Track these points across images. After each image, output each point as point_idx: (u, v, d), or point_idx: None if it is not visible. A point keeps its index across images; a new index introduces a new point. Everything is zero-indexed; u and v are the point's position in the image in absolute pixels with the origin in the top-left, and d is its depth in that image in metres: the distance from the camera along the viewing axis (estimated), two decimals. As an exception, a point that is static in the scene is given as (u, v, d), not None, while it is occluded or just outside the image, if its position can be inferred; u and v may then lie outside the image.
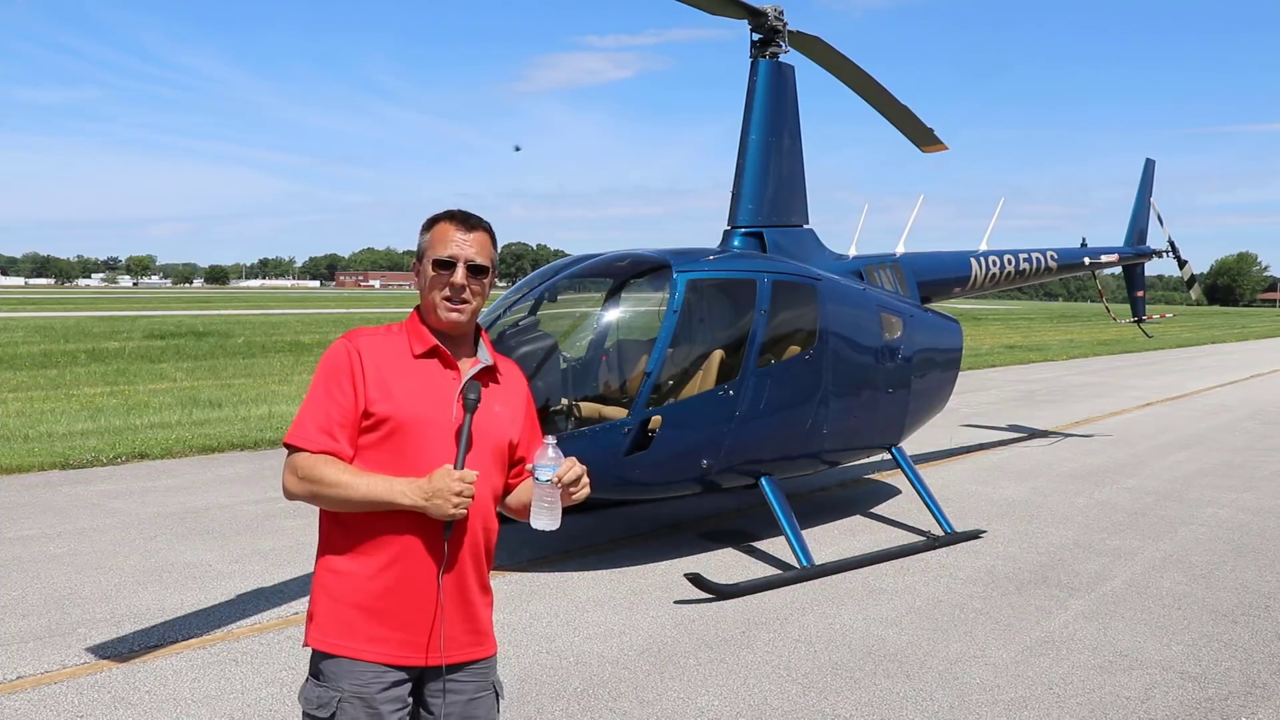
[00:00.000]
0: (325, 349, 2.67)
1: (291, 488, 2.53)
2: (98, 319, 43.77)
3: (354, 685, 2.50)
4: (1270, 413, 17.51)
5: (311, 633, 2.57)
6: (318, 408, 2.54)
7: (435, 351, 2.61)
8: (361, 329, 2.66)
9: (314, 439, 2.50)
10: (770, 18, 8.08)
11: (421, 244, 2.66)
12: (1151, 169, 14.96)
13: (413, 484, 2.46)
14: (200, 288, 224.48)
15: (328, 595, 2.56)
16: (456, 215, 2.66)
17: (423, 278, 2.64)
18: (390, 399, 2.52)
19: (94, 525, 8.09)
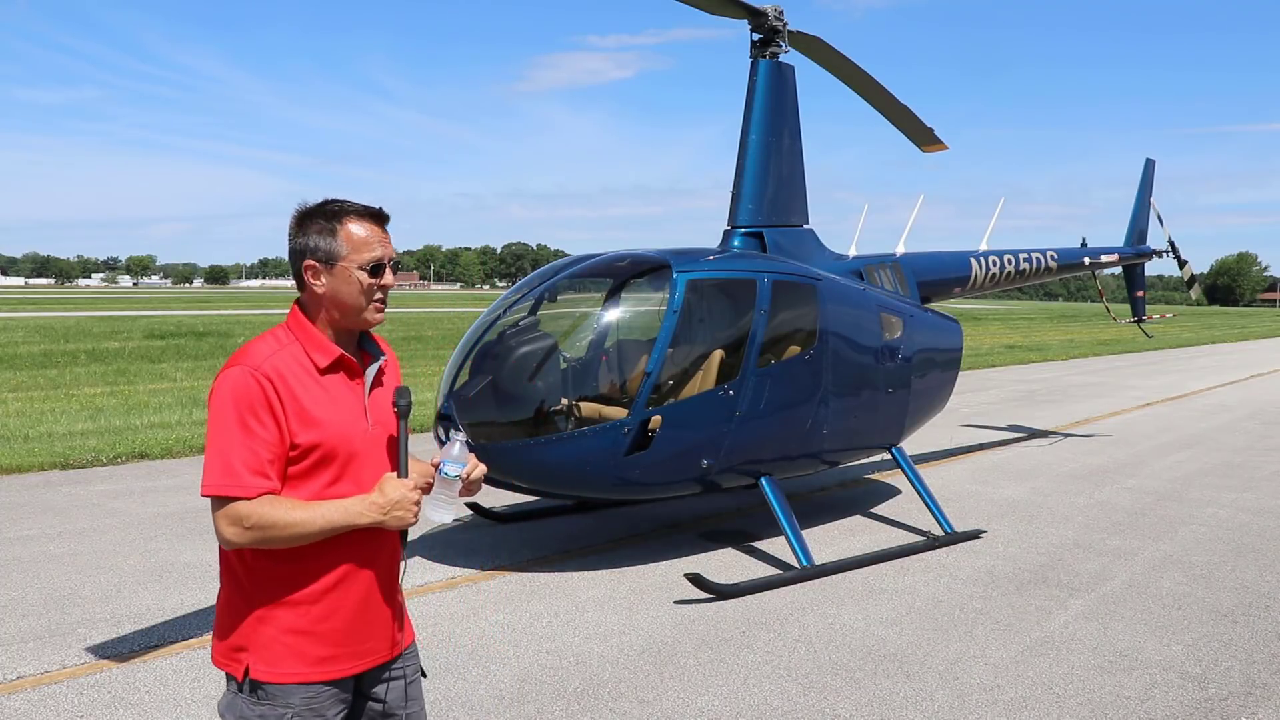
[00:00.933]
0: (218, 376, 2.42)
1: (235, 538, 2.34)
2: (98, 319, 43.78)
3: (304, 698, 2.46)
4: (1270, 413, 17.51)
5: (252, 665, 2.43)
6: (241, 448, 2.32)
7: (340, 363, 2.49)
8: (251, 349, 2.43)
9: (250, 484, 2.31)
10: (770, 18, 8.08)
11: (330, 245, 2.44)
12: (1151, 169, 14.96)
13: (366, 502, 2.40)
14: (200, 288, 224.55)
15: (267, 625, 2.43)
16: (368, 212, 2.50)
17: (340, 281, 2.44)
18: (313, 426, 2.39)
19: (94, 525, 8.09)
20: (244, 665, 2.45)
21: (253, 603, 2.44)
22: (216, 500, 2.34)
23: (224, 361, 2.76)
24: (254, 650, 2.44)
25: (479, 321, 7.59)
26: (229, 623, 2.49)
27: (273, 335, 2.48)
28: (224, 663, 2.50)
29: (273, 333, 2.49)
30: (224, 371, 2.39)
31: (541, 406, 7.15)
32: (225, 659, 2.50)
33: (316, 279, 2.46)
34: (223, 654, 2.50)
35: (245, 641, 2.45)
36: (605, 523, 8.52)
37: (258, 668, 2.43)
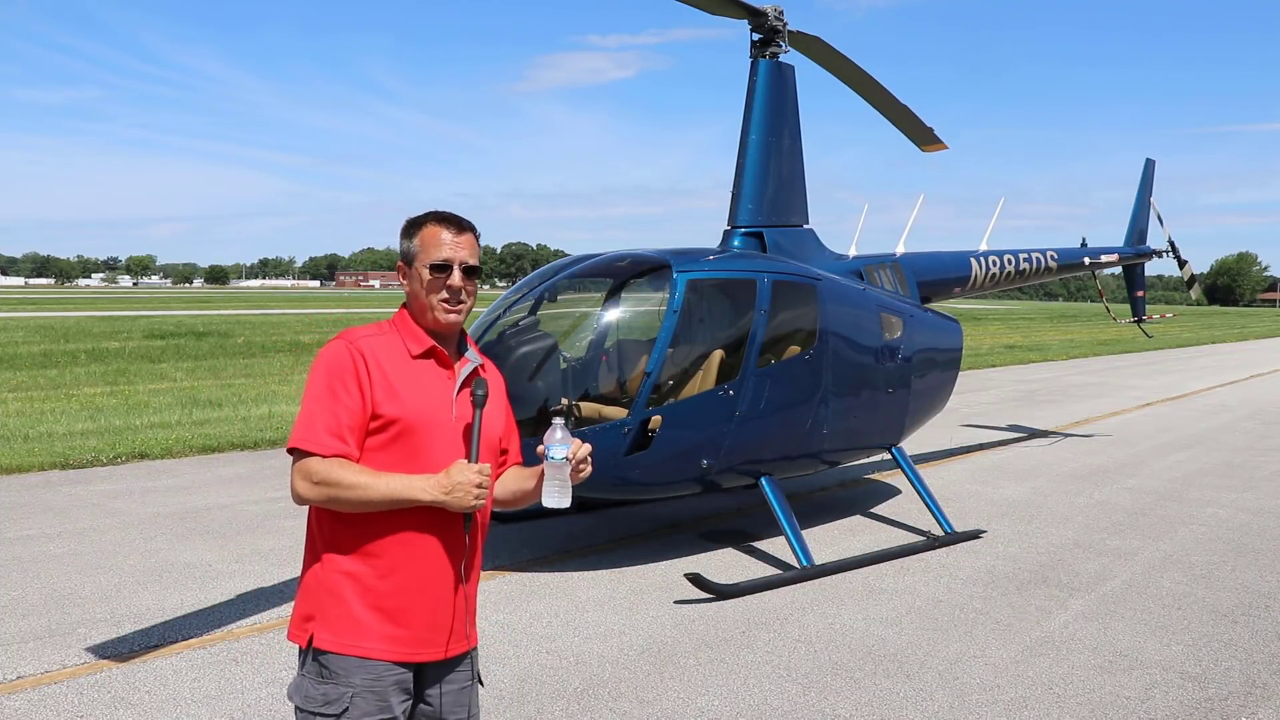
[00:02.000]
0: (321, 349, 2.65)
1: (304, 492, 2.50)
2: (98, 319, 43.78)
3: (366, 679, 2.52)
4: (1270, 413, 17.51)
5: (317, 633, 2.54)
6: (325, 410, 2.50)
7: (432, 352, 2.64)
8: (355, 329, 2.64)
9: (326, 443, 2.48)
10: (770, 18, 8.08)
11: (409, 247, 2.67)
12: (1151, 169, 14.97)
13: (431, 479, 2.50)
14: (200, 288, 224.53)
15: (334, 596, 2.54)
16: (446, 218, 2.68)
17: (415, 281, 2.65)
18: (397, 401, 2.54)
19: (94, 525, 8.09)
20: (309, 633, 2.56)
21: (328, 572, 2.56)
22: (294, 454, 2.51)
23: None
24: (320, 618, 2.55)
25: (479, 321, 7.59)
26: (304, 593, 2.61)
27: (376, 325, 2.70)
28: (295, 633, 2.61)
29: (378, 323, 2.70)
30: (326, 345, 2.61)
31: (541, 406, 7.14)
32: (297, 629, 2.61)
33: (403, 279, 2.70)
34: (295, 624, 2.62)
35: (314, 610, 2.57)
36: (605, 523, 8.52)
37: (322, 635, 2.54)
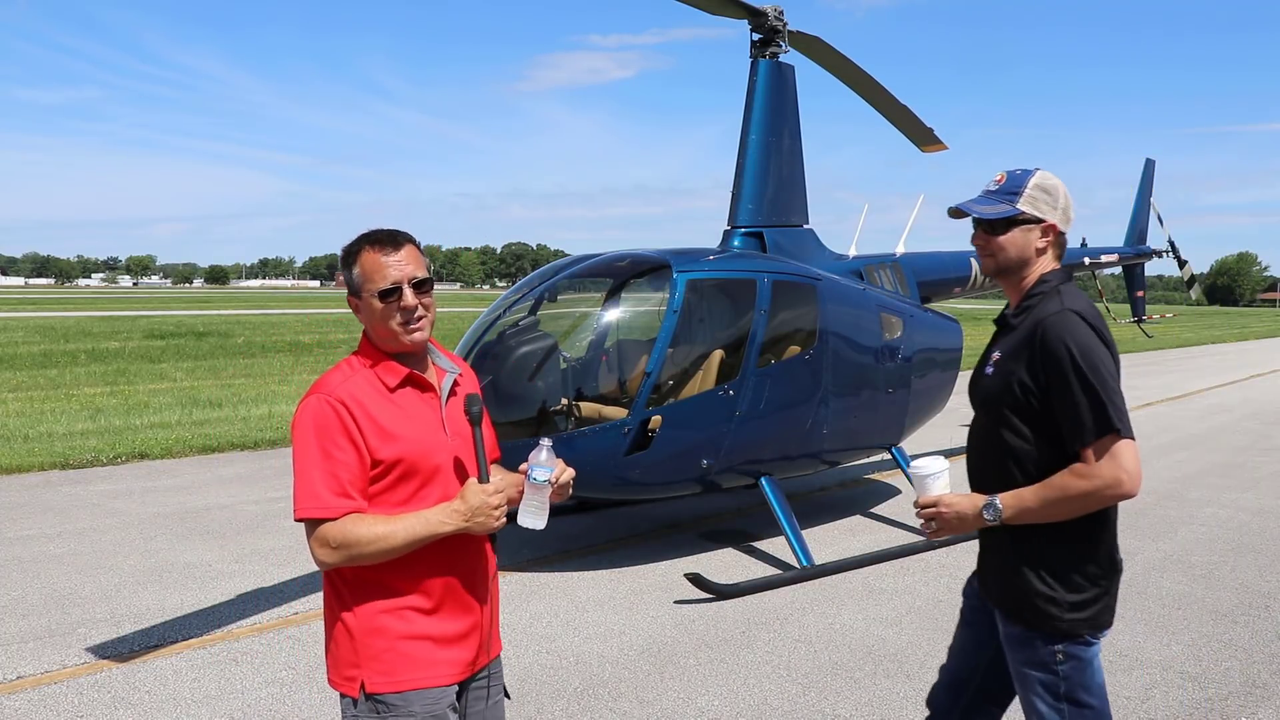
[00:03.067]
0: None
1: (327, 559, 2.42)
2: (98, 319, 43.78)
3: (425, 705, 2.48)
4: (1270, 413, 17.50)
5: (368, 679, 2.47)
6: (323, 473, 2.41)
7: (409, 379, 2.56)
8: (326, 380, 2.53)
9: (334, 505, 2.40)
10: (770, 18, 8.08)
11: (352, 278, 2.54)
12: (1151, 169, 14.97)
13: (448, 509, 2.46)
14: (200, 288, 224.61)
15: (378, 637, 2.47)
16: (379, 238, 2.55)
17: (368, 312, 2.53)
18: (393, 441, 2.46)
19: (94, 525, 8.09)
20: (359, 681, 2.47)
21: (361, 617, 2.48)
22: (308, 525, 2.43)
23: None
24: (367, 664, 2.47)
25: (479, 321, 7.59)
26: (339, 642, 2.52)
27: (345, 364, 2.59)
28: (340, 683, 2.52)
29: (344, 362, 2.60)
30: (303, 402, 2.50)
31: (541, 406, 7.15)
32: (340, 679, 2.52)
33: (357, 311, 2.58)
34: (338, 673, 2.53)
35: (357, 658, 2.48)
36: (605, 523, 8.52)
37: (374, 680, 2.46)
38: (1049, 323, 2.66)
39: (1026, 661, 2.73)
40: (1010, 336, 2.80)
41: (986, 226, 2.81)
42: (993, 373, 2.79)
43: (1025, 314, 2.79)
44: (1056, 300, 2.74)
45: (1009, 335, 2.81)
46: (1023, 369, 2.69)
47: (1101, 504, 2.66)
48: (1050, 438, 2.68)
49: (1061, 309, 2.69)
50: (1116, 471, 2.59)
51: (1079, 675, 2.69)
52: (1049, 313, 2.69)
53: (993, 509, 2.68)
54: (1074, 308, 2.69)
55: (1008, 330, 2.84)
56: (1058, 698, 2.69)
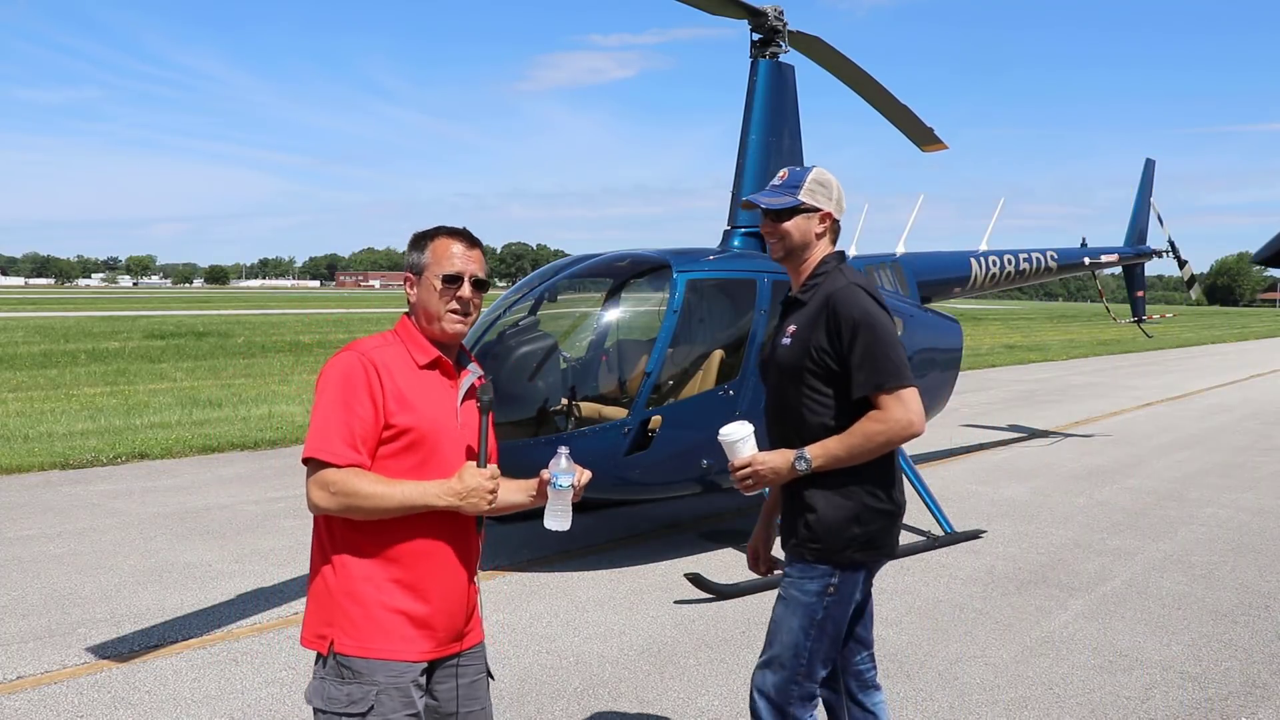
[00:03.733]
0: (329, 354, 2.70)
1: (322, 502, 2.53)
2: (98, 319, 43.78)
3: (389, 677, 2.57)
4: (1270, 413, 17.50)
5: (337, 639, 2.57)
6: (339, 421, 2.54)
7: (437, 363, 2.72)
8: (363, 341, 2.70)
9: (342, 453, 2.52)
10: (770, 18, 8.07)
11: (419, 259, 2.72)
12: (1151, 169, 14.96)
13: (444, 485, 2.57)
14: (200, 288, 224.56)
15: (353, 600, 2.58)
16: (458, 232, 2.76)
17: (426, 290, 2.70)
18: (409, 410, 2.60)
19: (94, 525, 8.09)
20: (329, 641, 2.58)
21: (343, 579, 2.59)
22: (311, 464, 2.54)
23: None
24: (339, 625, 2.58)
25: (479, 321, 7.58)
26: (318, 601, 2.64)
27: (381, 335, 2.75)
28: (311, 640, 2.64)
29: (382, 334, 2.75)
30: (336, 355, 2.64)
31: (542, 406, 7.14)
32: (312, 636, 2.64)
33: (411, 289, 2.74)
34: (311, 631, 2.65)
35: (331, 617, 2.60)
36: (605, 523, 8.52)
37: (343, 642, 2.57)
38: (839, 295, 3.08)
39: (799, 587, 3.17)
40: (802, 311, 3.17)
41: (774, 215, 3.20)
42: (790, 343, 3.15)
43: (813, 290, 3.17)
44: (841, 277, 3.16)
45: (800, 310, 3.19)
46: (821, 335, 3.07)
47: (897, 443, 3.07)
48: (844, 393, 3.07)
49: (848, 284, 3.11)
50: (908, 414, 3.01)
51: (837, 607, 3.20)
52: (838, 287, 3.11)
53: (803, 460, 3.05)
54: (857, 282, 3.13)
55: (798, 306, 3.21)
56: (812, 622, 3.16)
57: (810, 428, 3.10)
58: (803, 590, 3.15)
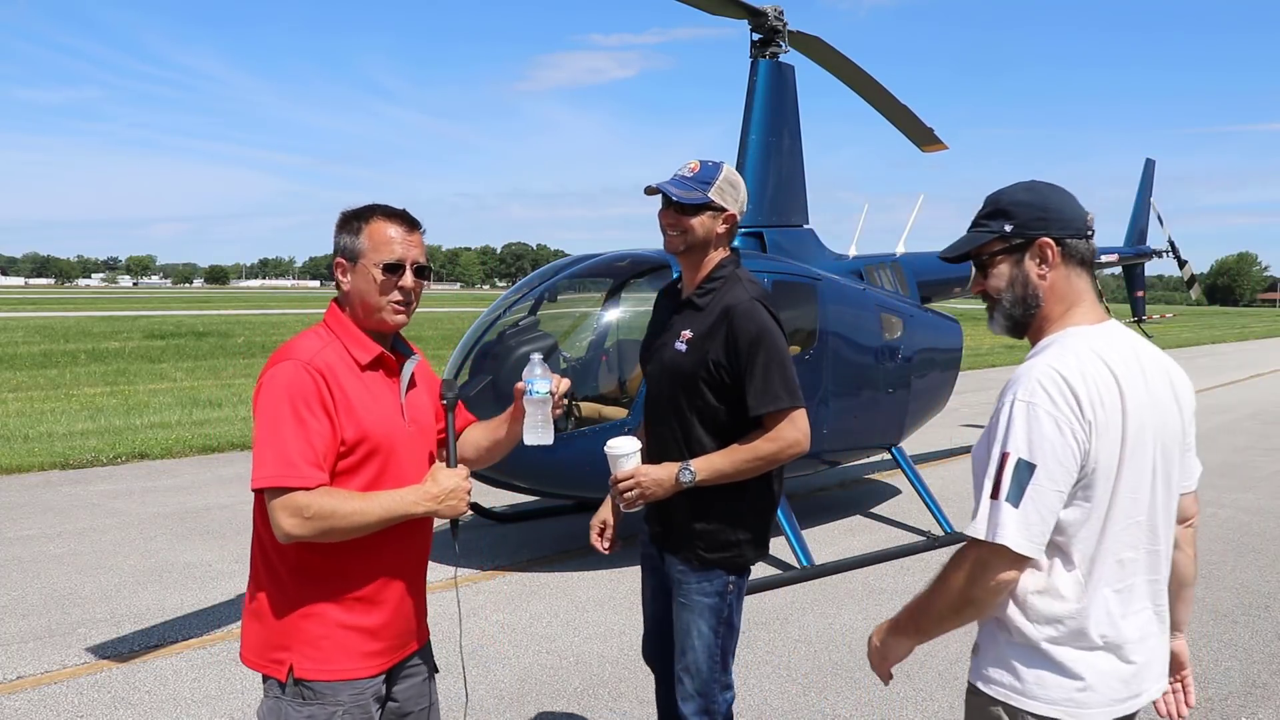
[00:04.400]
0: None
1: (295, 530, 2.29)
2: (98, 319, 43.79)
3: (353, 695, 2.45)
4: (1270, 413, 17.50)
5: (296, 663, 2.40)
6: (298, 440, 2.30)
7: (380, 360, 2.52)
8: (299, 346, 2.43)
9: (309, 475, 2.29)
10: (770, 18, 8.07)
11: (354, 244, 2.47)
12: (1151, 169, 14.97)
13: (419, 491, 2.44)
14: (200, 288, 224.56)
15: (313, 621, 2.42)
16: (395, 213, 2.51)
17: (362, 279, 2.46)
18: (360, 422, 2.40)
19: (94, 525, 8.09)
20: (287, 665, 2.41)
21: (296, 600, 2.41)
22: (273, 492, 2.30)
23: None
24: (298, 648, 2.41)
25: (479, 321, 7.58)
26: (267, 623, 2.44)
27: (314, 333, 2.49)
28: (261, 664, 2.45)
29: (314, 331, 2.50)
30: (273, 367, 2.38)
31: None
32: (263, 660, 2.44)
33: (344, 276, 2.50)
34: (259, 655, 2.45)
35: (288, 640, 2.42)
36: (605, 523, 8.50)
37: (304, 666, 2.40)
38: (740, 310, 3.04)
39: (701, 591, 3.19)
40: (698, 316, 3.13)
41: (678, 208, 3.12)
42: (687, 350, 3.10)
43: (710, 295, 3.13)
44: (741, 289, 3.12)
45: (696, 315, 3.14)
46: (719, 348, 3.04)
47: (783, 461, 3.09)
48: (732, 407, 3.07)
49: (749, 299, 3.08)
50: (796, 434, 3.05)
51: (737, 602, 3.24)
52: (739, 300, 3.07)
53: (688, 472, 3.05)
54: (756, 296, 3.10)
55: (691, 309, 3.17)
56: (720, 621, 3.19)
57: (695, 437, 3.11)
58: (705, 594, 3.20)
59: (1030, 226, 2.20)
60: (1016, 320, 2.26)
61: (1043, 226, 2.19)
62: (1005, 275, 2.24)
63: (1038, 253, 2.20)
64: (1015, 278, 2.23)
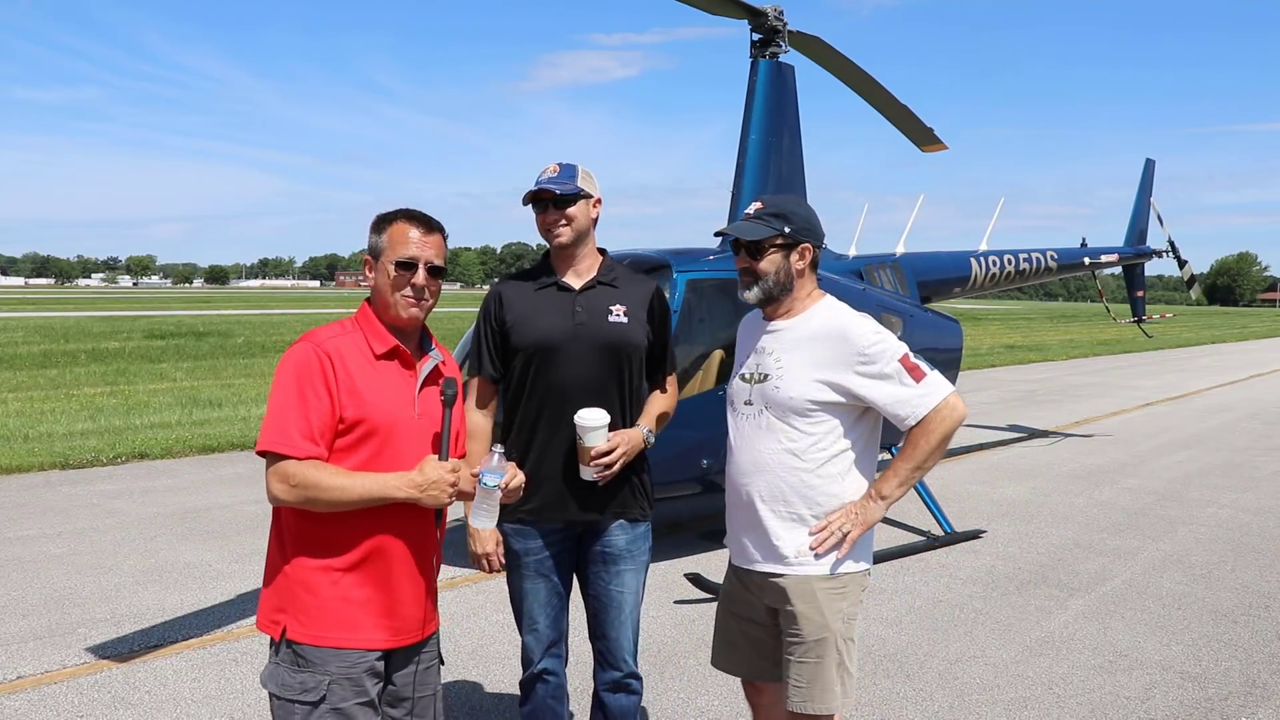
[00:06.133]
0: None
1: (281, 495, 2.53)
2: (98, 319, 43.79)
3: (342, 667, 2.59)
4: (1270, 413, 17.50)
5: (289, 625, 2.60)
6: (296, 413, 2.53)
7: (395, 352, 2.69)
8: (319, 331, 2.67)
9: (300, 446, 2.51)
10: (770, 18, 8.06)
11: (378, 242, 2.71)
12: (1151, 169, 14.96)
13: (404, 477, 2.57)
14: (200, 288, 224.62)
15: (305, 588, 2.59)
16: (417, 216, 2.73)
17: (382, 275, 2.69)
18: (363, 404, 2.59)
19: (94, 525, 8.09)
20: (281, 626, 2.61)
21: (295, 566, 2.61)
22: (269, 457, 2.54)
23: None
24: (291, 612, 2.60)
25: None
26: (273, 586, 2.65)
27: (339, 323, 2.72)
28: (265, 624, 2.66)
29: (340, 322, 2.73)
30: (292, 347, 2.63)
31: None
32: (266, 620, 2.66)
33: (370, 272, 2.74)
34: (265, 615, 2.67)
35: (284, 603, 2.62)
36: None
37: (294, 629, 2.59)
38: (658, 288, 3.61)
39: (641, 551, 3.55)
40: (618, 293, 3.47)
41: (562, 202, 3.38)
42: (629, 322, 3.42)
43: (615, 275, 3.51)
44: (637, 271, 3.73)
45: (614, 291, 3.47)
46: (648, 320, 3.49)
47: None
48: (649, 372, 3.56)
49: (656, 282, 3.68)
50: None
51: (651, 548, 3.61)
52: (651, 282, 3.63)
53: (650, 433, 3.44)
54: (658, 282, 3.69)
55: (605, 287, 3.47)
56: (645, 574, 3.62)
57: (635, 403, 3.45)
58: (645, 551, 3.57)
59: (800, 234, 3.13)
60: (773, 296, 3.16)
61: (808, 235, 3.16)
62: (775, 263, 3.13)
63: (802, 253, 3.17)
64: (781, 266, 3.13)
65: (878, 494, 3.06)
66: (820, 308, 3.18)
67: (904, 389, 2.98)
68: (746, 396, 3.17)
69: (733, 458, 3.23)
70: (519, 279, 3.55)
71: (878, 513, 3.06)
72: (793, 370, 3.08)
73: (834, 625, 3.09)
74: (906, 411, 2.98)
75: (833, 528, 3.05)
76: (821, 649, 3.09)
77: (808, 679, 3.09)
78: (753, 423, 3.13)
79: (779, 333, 3.17)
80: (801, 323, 3.15)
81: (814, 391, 3.03)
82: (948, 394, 3.00)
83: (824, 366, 3.04)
